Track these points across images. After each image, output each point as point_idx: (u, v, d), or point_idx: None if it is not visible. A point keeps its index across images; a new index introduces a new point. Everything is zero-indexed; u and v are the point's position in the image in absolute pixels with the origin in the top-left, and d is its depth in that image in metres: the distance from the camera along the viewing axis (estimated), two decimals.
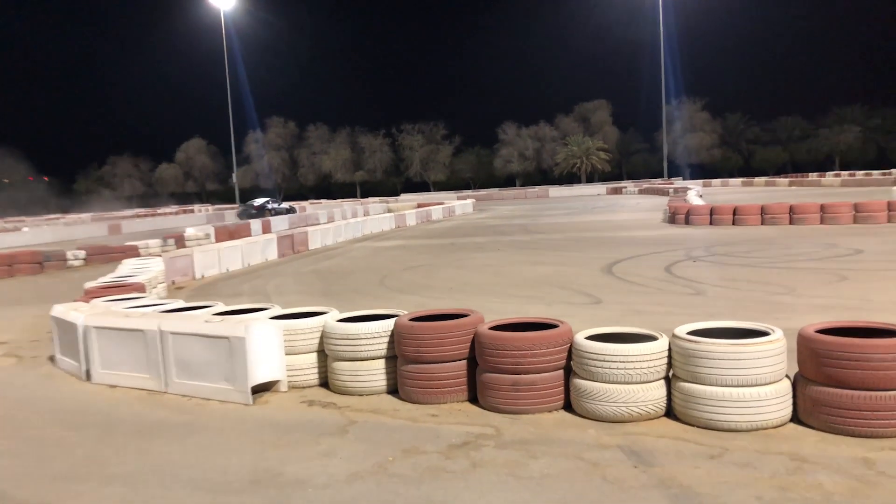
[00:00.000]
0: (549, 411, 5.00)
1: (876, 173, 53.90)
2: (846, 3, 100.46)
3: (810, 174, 63.49)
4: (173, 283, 13.78)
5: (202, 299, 11.34)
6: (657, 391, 4.72)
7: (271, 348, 5.87)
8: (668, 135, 74.12)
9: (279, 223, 31.40)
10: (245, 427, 5.20)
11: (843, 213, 18.38)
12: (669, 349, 4.78)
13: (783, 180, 55.73)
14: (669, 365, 4.79)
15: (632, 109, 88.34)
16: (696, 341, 4.54)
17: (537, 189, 65.35)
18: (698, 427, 4.54)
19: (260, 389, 5.87)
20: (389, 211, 40.34)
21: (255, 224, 28.58)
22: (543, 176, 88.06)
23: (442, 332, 5.29)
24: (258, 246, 17.64)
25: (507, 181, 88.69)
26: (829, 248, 13.63)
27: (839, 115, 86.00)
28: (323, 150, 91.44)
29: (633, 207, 34.58)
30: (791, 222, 18.96)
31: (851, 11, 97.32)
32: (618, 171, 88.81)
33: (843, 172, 61.15)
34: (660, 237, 17.99)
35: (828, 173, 61.89)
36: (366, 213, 40.19)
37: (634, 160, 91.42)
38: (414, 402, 5.38)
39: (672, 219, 22.26)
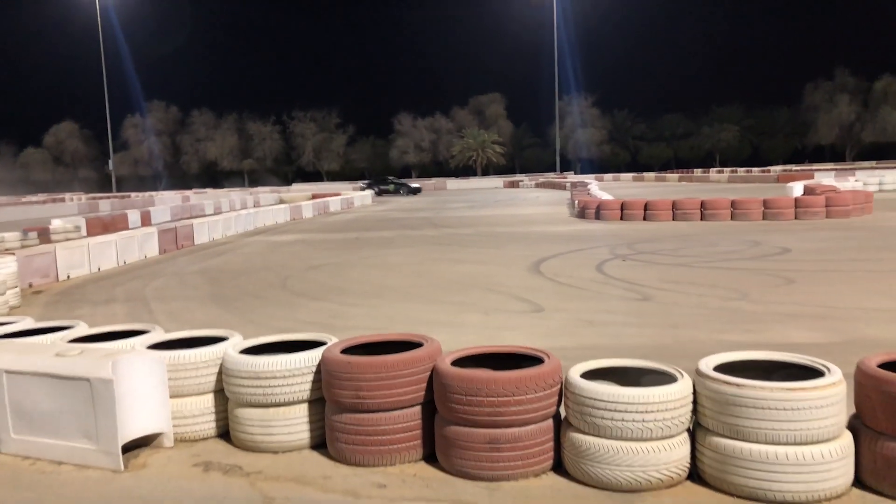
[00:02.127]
0: (537, 475, 3.77)
1: (756, 170, 56.54)
2: (725, 11, 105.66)
3: (694, 170, 65.92)
4: (30, 286, 11.60)
5: (62, 309, 9.42)
6: (681, 449, 3.59)
7: (151, 390, 4.32)
8: (560, 130, 75.16)
9: (160, 214, 28.72)
10: None
11: (753, 209, 18.30)
12: (694, 392, 3.66)
13: (673, 175, 57.42)
14: (694, 412, 3.67)
15: (525, 104, 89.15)
16: (737, 384, 3.43)
17: (434, 181, 64.36)
18: (740, 497, 3.43)
19: (135, 446, 4.32)
20: (282, 201, 38.13)
21: (133, 215, 25.88)
22: (439, 168, 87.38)
23: (390, 370, 3.93)
24: (136, 241, 15.48)
25: (403, 172, 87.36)
26: (754, 245, 13.21)
27: (718, 115, 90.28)
28: (208, 137, 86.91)
29: (535, 201, 34.15)
30: (702, 218, 18.74)
31: (730, 17, 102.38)
32: (511, 164, 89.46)
33: (725, 169, 63.82)
34: (575, 233, 17.25)
35: (711, 170, 64.48)
36: (256, 204, 37.80)
37: (527, 154, 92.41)
38: (351, 465, 4.00)
39: (582, 213, 21.69)
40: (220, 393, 4.55)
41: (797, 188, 24.76)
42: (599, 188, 32.00)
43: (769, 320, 7.18)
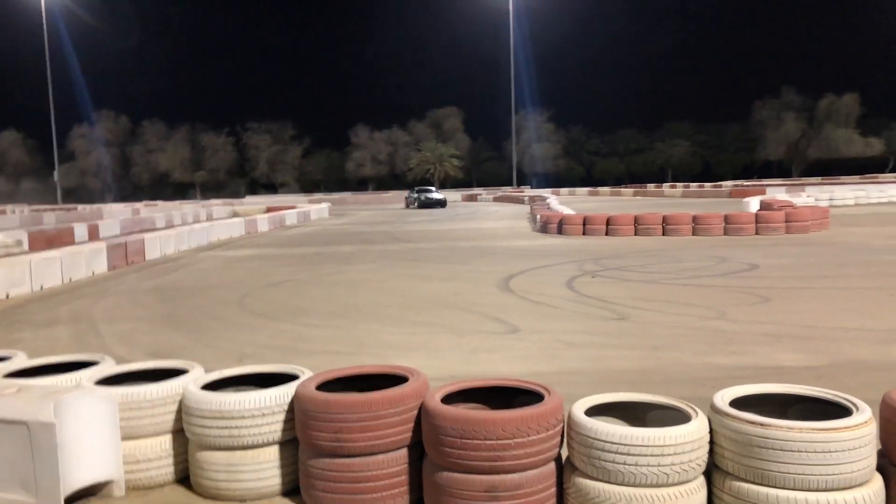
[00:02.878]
0: None
1: (708, 185, 57.57)
2: (676, 30, 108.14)
3: (648, 185, 66.89)
4: None
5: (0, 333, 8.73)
6: (699, 495, 3.26)
7: (99, 433, 3.82)
8: (516, 144, 75.59)
9: (108, 227, 27.63)
10: None
11: (714, 224, 18.36)
12: (711, 431, 3.34)
13: (628, 190, 58.12)
14: (710, 453, 3.35)
15: (482, 118, 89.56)
16: (761, 424, 3.12)
17: (392, 194, 63.99)
18: None
19: (81, 496, 3.82)
20: (236, 215, 37.23)
21: (80, 229, 24.79)
22: (396, 180, 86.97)
23: (374, 409, 3.52)
24: (83, 256, 14.67)
25: (360, 185, 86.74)
26: (721, 261, 13.15)
27: (670, 130, 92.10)
28: (159, 148, 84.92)
29: (495, 215, 34.01)
30: (664, 233, 18.73)
31: (681, 36, 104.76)
32: (469, 178, 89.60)
33: (678, 184, 64.87)
34: (539, 248, 17.04)
35: (665, 184, 65.51)
36: (209, 217, 36.82)
37: (484, 168, 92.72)
38: None
39: (544, 228, 21.54)
40: (179, 433, 4.07)
41: (753, 203, 25.10)
42: (558, 202, 32.03)
43: (752, 341, 6.97)
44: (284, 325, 8.62)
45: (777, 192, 39.31)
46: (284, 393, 3.83)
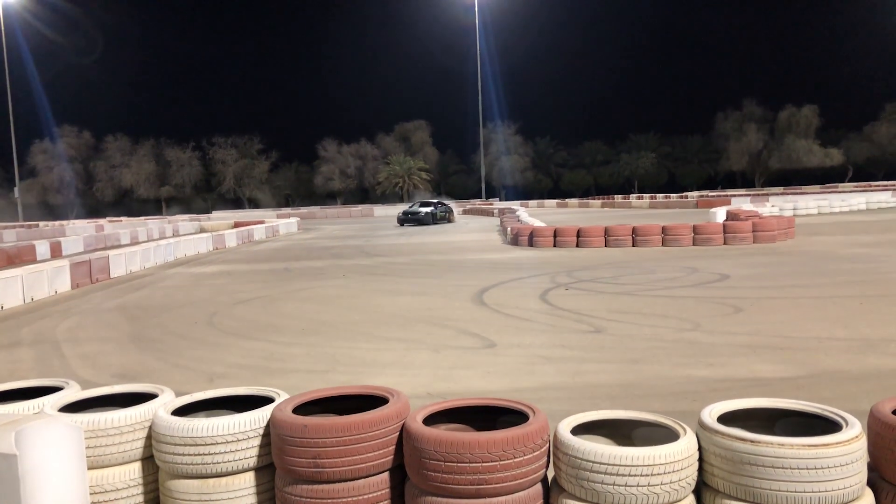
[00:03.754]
0: None
1: (674, 196, 58.38)
2: (640, 43, 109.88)
3: (615, 196, 67.59)
4: None
5: None
6: None
7: (64, 464, 3.62)
8: (485, 157, 75.94)
9: (72, 244, 27.01)
10: None
11: (683, 235, 18.53)
12: (700, 449, 3.28)
13: (596, 202, 58.65)
14: (699, 471, 3.29)
15: (450, 131, 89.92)
16: (752, 440, 3.06)
17: (361, 207, 63.75)
18: None
19: None
20: (203, 230, 36.70)
21: (42, 246, 24.18)
22: (365, 194, 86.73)
23: (354, 432, 3.39)
24: (45, 275, 14.26)
25: (328, 199, 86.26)
26: (692, 272, 13.24)
27: (636, 142, 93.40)
28: (123, 163, 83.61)
29: (464, 228, 34.01)
30: (634, 244, 18.84)
31: (645, 49, 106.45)
32: (437, 191, 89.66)
33: (644, 195, 65.67)
34: (511, 260, 17.02)
35: (632, 196, 66.26)
36: (175, 233, 36.26)
37: (453, 181, 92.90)
38: None
39: (515, 240, 21.55)
40: (149, 460, 3.89)
41: (720, 214, 25.42)
42: (528, 215, 32.13)
43: (728, 353, 6.97)
44: (255, 344, 8.42)
45: (742, 202, 40.02)
46: (259, 417, 3.68)
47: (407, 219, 38.08)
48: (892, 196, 38.50)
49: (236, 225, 37.05)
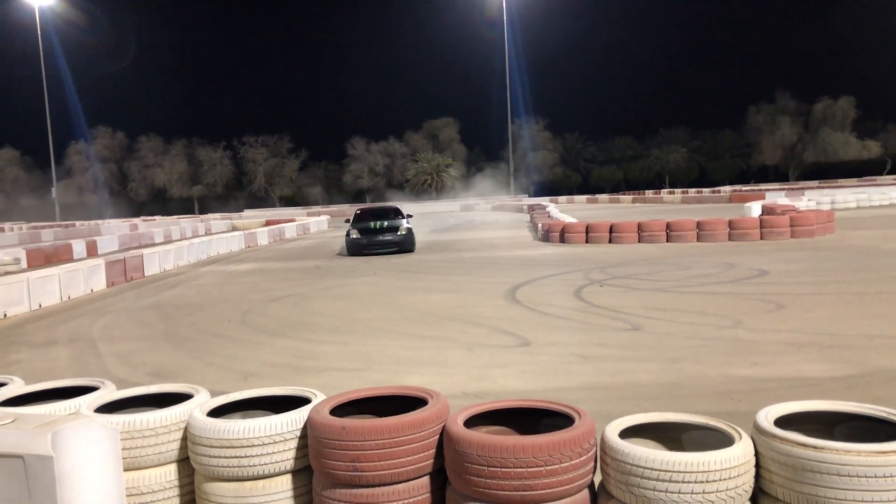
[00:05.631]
0: None
1: (706, 191, 57.45)
2: (669, 36, 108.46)
3: (646, 191, 66.75)
4: None
5: None
6: None
7: (101, 465, 3.57)
8: (513, 153, 75.56)
9: (107, 243, 27.40)
10: None
11: (719, 230, 18.17)
12: (757, 454, 3.12)
13: (626, 197, 57.97)
14: (756, 477, 3.13)
15: (478, 128, 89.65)
16: (815, 446, 2.89)
17: (389, 205, 63.81)
18: None
19: None
20: (235, 228, 37.04)
21: (78, 245, 24.56)
22: (394, 192, 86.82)
23: (394, 435, 3.29)
24: (81, 273, 14.45)
25: (357, 197, 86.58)
26: (729, 268, 12.94)
27: (666, 137, 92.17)
28: (156, 163, 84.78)
29: (495, 224, 33.83)
30: (668, 240, 18.55)
31: (674, 42, 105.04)
32: (466, 187, 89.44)
33: (677, 190, 64.76)
34: (543, 257, 16.83)
35: (663, 191, 65.38)
36: (208, 231, 36.62)
37: (481, 177, 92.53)
38: None
39: (546, 237, 21.34)
40: (184, 462, 3.84)
41: (755, 208, 24.91)
42: (558, 211, 31.85)
43: (773, 351, 6.75)
44: (289, 342, 8.39)
45: (776, 196, 39.18)
46: (296, 418, 3.60)
47: (371, 244, 19.39)
48: None
49: (268, 223, 37.31)
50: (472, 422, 3.52)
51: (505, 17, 66.51)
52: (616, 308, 9.41)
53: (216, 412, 3.89)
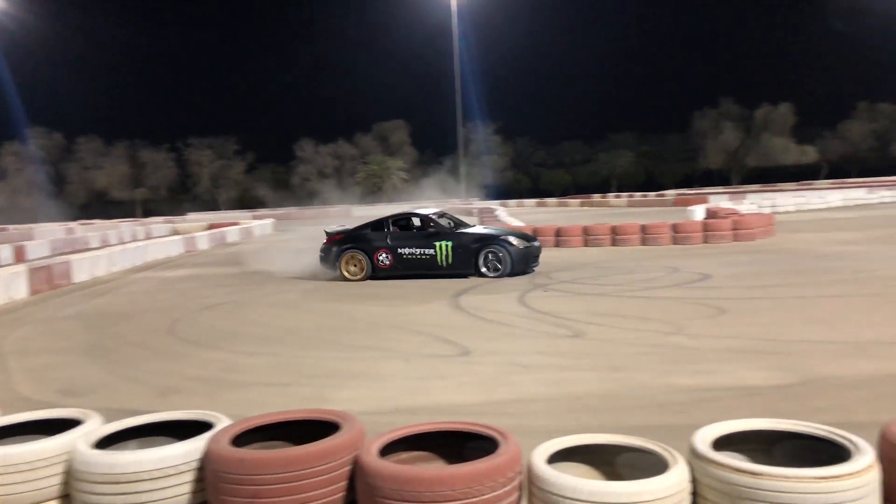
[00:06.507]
0: None
1: (652, 195, 58.32)
2: (617, 43, 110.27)
3: (593, 195, 67.42)
4: None
5: None
6: None
7: None
8: (464, 156, 75.57)
9: (38, 248, 26.19)
10: None
11: (663, 233, 18.24)
12: (693, 480, 2.88)
13: (574, 201, 58.41)
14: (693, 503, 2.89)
15: (429, 131, 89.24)
16: (752, 472, 2.66)
17: (338, 208, 63.06)
18: None
19: None
20: (176, 232, 35.95)
21: (5, 251, 23.38)
22: (343, 194, 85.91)
23: (297, 468, 2.95)
24: (0, 280, 13.63)
25: (306, 199, 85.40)
26: (673, 272, 12.91)
27: (614, 141, 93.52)
28: (96, 165, 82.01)
29: None
30: (613, 244, 18.53)
31: (622, 48, 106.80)
32: (415, 190, 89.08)
33: (622, 193, 65.61)
34: None
35: (610, 194, 66.17)
36: (148, 236, 35.45)
37: (431, 180, 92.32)
38: None
39: None
40: (66, 499, 3.42)
41: (699, 212, 25.21)
42: (507, 214, 31.75)
43: (714, 358, 6.61)
44: (216, 354, 7.93)
45: (719, 200, 39.93)
46: (192, 449, 3.22)
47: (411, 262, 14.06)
48: (867, 192, 38.64)
49: (211, 227, 36.31)
50: (390, 448, 3.21)
51: (454, 21, 66.44)
52: (559, 314, 9.21)
53: (107, 441, 3.49)
